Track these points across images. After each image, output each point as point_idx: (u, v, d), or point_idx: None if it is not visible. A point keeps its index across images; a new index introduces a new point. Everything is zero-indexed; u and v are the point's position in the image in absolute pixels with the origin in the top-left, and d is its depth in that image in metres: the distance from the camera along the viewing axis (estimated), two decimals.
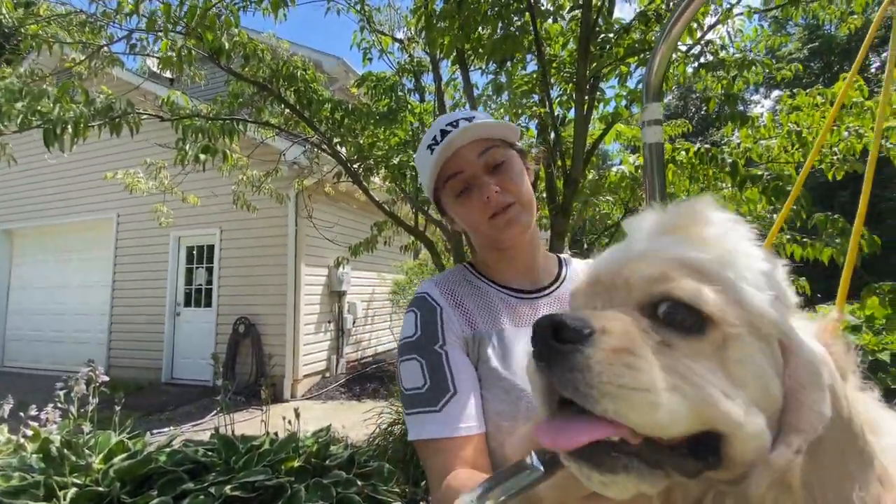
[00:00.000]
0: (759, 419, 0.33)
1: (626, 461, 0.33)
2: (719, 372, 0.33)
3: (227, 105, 2.87)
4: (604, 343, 0.32)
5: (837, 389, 0.34)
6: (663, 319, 0.34)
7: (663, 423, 0.31)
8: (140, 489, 2.37)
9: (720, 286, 0.35)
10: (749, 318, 0.34)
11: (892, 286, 2.32)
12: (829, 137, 2.93)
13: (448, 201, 0.87)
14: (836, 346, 0.38)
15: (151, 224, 5.44)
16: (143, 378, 7.20)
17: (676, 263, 0.35)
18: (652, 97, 0.84)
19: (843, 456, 0.33)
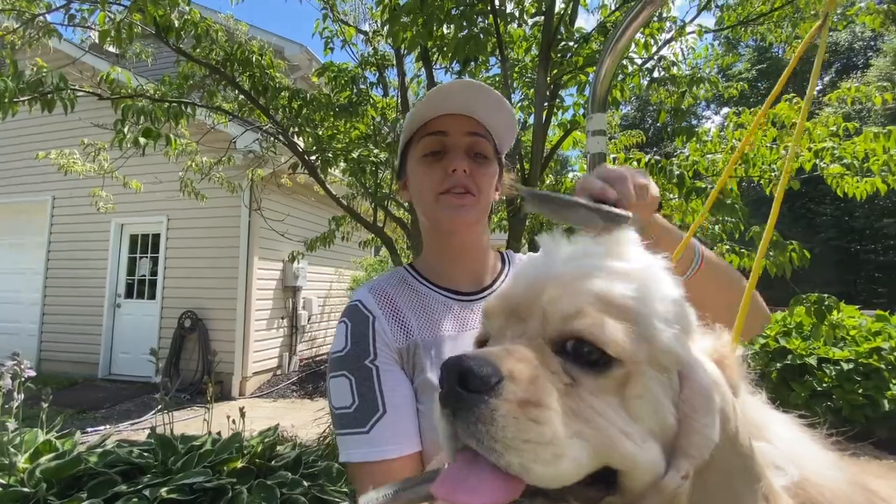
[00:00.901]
0: (653, 451, 0.34)
1: (529, 501, 0.33)
2: (620, 409, 0.34)
3: (177, 87, 2.71)
4: (510, 394, 0.32)
5: (728, 411, 0.35)
6: (572, 354, 0.35)
7: (566, 473, 0.32)
8: (69, 491, 2.22)
9: (633, 322, 0.36)
10: (653, 354, 0.35)
11: (818, 297, 2.50)
12: (768, 155, 3.13)
13: (414, 157, 0.82)
14: (729, 359, 0.39)
15: (91, 209, 5.08)
16: (78, 373, 6.73)
17: (594, 298, 0.36)
18: (597, 107, 0.85)
19: (731, 476, 0.34)
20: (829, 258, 18.44)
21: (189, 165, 3.66)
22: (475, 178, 0.79)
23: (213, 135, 3.92)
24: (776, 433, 0.39)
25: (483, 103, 0.79)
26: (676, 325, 0.37)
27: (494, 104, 0.79)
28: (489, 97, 0.78)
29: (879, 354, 4.47)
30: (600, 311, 0.35)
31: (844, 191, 2.95)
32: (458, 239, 0.83)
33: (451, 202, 0.78)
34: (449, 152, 0.79)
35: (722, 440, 0.34)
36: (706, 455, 0.33)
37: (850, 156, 2.75)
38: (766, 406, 0.42)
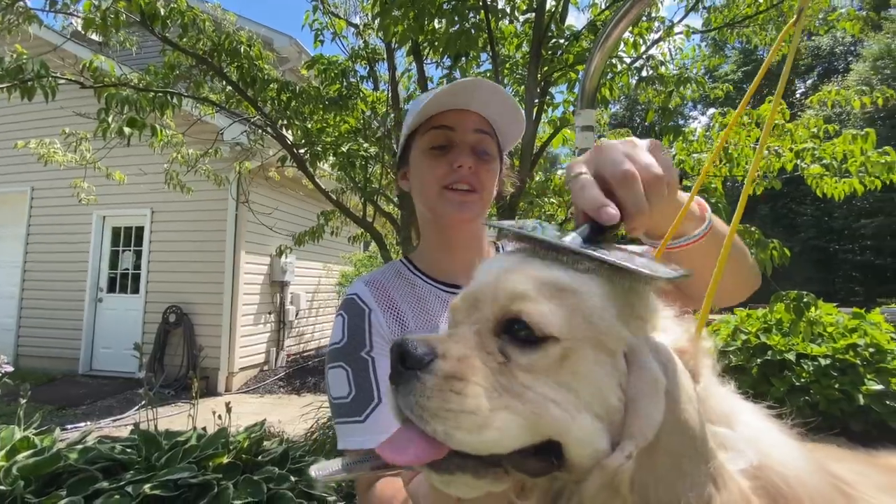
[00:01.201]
0: (588, 422, 0.36)
1: (459, 462, 0.36)
2: (555, 384, 0.36)
3: (162, 76, 2.65)
4: (438, 370, 0.36)
5: (680, 394, 0.36)
6: (511, 335, 0.38)
7: (490, 441, 0.35)
8: (47, 489, 2.17)
9: (573, 302, 0.37)
10: (594, 335, 0.37)
11: (797, 294, 2.56)
12: (751, 155, 3.19)
13: (418, 148, 0.82)
14: (691, 347, 0.40)
15: (72, 201, 4.96)
16: (57, 369, 6.58)
17: (536, 282, 0.38)
18: (586, 103, 0.86)
19: (679, 458, 0.34)
20: (809, 257, 18.90)
21: (174, 157, 3.59)
22: (479, 174, 0.80)
23: (199, 126, 3.85)
24: (742, 421, 0.39)
25: (492, 102, 0.80)
26: (624, 308, 0.38)
27: (502, 104, 0.80)
28: (499, 97, 0.80)
29: (855, 350, 4.60)
30: (539, 294, 0.37)
31: (824, 191, 3.03)
32: (457, 233, 0.84)
33: (454, 198, 0.79)
34: (455, 148, 0.80)
35: (670, 423, 0.35)
36: (650, 436, 0.34)
37: (830, 157, 2.82)
38: (736, 396, 0.42)
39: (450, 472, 0.36)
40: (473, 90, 0.78)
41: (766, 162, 3.09)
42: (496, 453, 0.36)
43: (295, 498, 2.30)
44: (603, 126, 5.21)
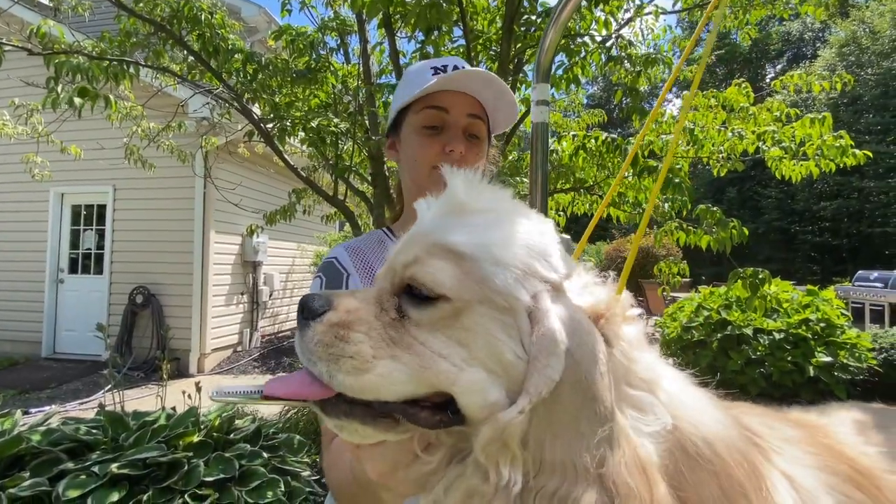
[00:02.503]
0: (480, 378, 0.37)
1: (346, 408, 0.39)
2: (446, 339, 0.38)
3: (118, 44, 2.50)
4: (326, 319, 0.39)
5: (583, 356, 0.37)
6: (411, 295, 0.40)
7: (370, 385, 0.37)
8: (9, 472, 2.12)
9: (467, 265, 0.39)
10: (487, 294, 0.39)
11: (753, 271, 2.68)
12: (716, 137, 3.28)
13: (411, 125, 0.85)
14: (608, 311, 0.42)
15: (25, 177, 4.70)
16: (18, 353, 6.34)
17: (433, 247, 0.40)
18: (541, 77, 0.87)
19: (576, 418, 0.35)
20: (772, 238, 19.72)
21: (134, 131, 3.42)
22: (468, 158, 0.83)
23: (162, 99, 3.68)
24: (664, 387, 0.41)
25: (488, 88, 0.82)
26: (518, 270, 0.40)
27: (499, 92, 0.83)
28: (496, 86, 0.82)
29: (808, 325, 4.88)
30: (433, 257, 0.40)
31: (783, 173, 3.15)
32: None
33: (440, 178, 0.82)
34: (448, 130, 0.83)
35: (569, 383, 0.36)
36: (543, 393, 0.35)
37: (789, 140, 2.93)
38: (661, 362, 0.44)
39: (338, 417, 0.39)
40: (476, 79, 0.81)
41: (730, 144, 3.18)
42: (381, 399, 0.38)
43: (268, 473, 2.32)
44: (577, 107, 5.23)
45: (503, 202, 0.44)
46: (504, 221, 0.42)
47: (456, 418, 0.39)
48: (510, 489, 0.34)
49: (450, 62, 0.86)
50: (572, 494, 0.33)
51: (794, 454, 0.46)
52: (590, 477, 0.34)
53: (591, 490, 0.33)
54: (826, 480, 0.45)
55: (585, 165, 2.88)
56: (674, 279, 3.32)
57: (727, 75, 24.34)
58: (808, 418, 0.57)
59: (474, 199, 0.43)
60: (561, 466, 0.34)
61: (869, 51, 20.03)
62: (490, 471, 0.35)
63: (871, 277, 9.16)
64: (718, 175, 3.58)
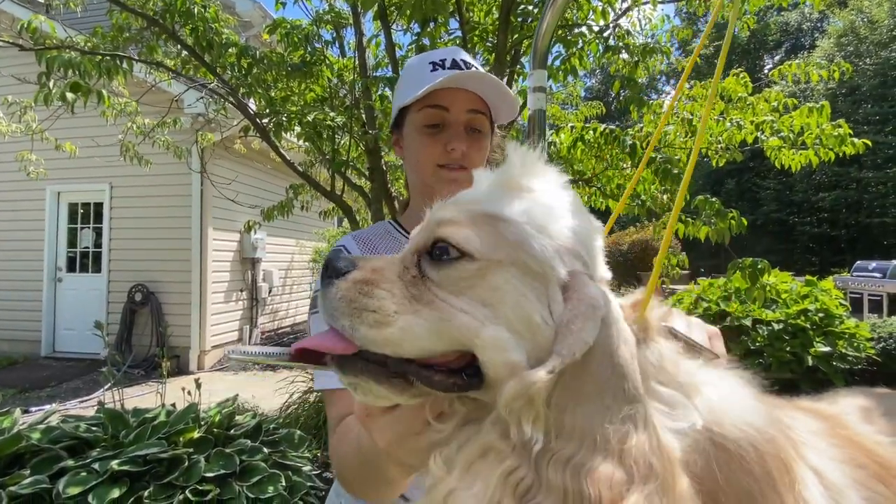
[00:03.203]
0: (503, 335, 0.37)
1: (362, 365, 0.39)
2: (472, 299, 0.38)
3: (111, 39, 2.47)
4: (351, 277, 0.40)
5: (616, 330, 0.37)
6: (432, 255, 0.40)
7: (392, 338, 0.37)
8: (9, 469, 2.12)
9: (505, 226, 0.39)
10: (520, 257, 0.38)
11: (752, 262, 2.68)
12: (714, 127, 3.26)
13: (413, 124, 0.86)
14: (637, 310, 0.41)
15: (22, 175, 4.67)
16: (18, 352, 6.34)
17: (475, 214, 0.40)
18: (538, 64, 0.86)
19: (603, 389, 0.35)
20: (770, 230, 19.74)
21: (129, 127, 3.40)
22: (470, 154, 0.84)
23: (157, 95, 3.65)
24: (703, 392, 0.40)
25: (485, 83, 0.83)
26: (560, 243, 0.39)
27: (495, 86, 0.84)
28: (492, 81, 0.83)
29: (806, 315, 4.89)
30: (466, 219, 0.39)
31: (782, 162, 3.14)
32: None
33: (447, 175, 0.84)
34: (449, 128, 0.84)
35: (601, 353, 0.36)
36: (577, 355, 0.35)
37: (787, 129, 2.91)
38: (703, 368, 0.43)
39: (354, 374, 0.39)
40: (475, 78, 0.82)
41: (729, 134, 3.17)
42: (402, 354, 0.38)
43: (269, 469, 2.33)
44: (576, 99, 5.20)
45: (561, 188, 0.44)
46: (557, 203, 0.42)
47: (472, 381, 0.39)
48: (530, 447, 0.34)
49: (448, 56, 0.86)
50: (588, 463, 0.32)
51: (821, 447, 0.45)
52: (609, 450, 0.33)
53: (608, 462, 0.32)
54: (852, 475, 0.44)
55: (584, 157, 2.87)
56: (673, 271, 3.32)
57: (726, 66, 24.28)
58: (821, 408, 0.56)
59: (531, 177, 0.42)
60: (580, 434, 0.34)
61: (867, 41, 19.96)
62: (512, 427, 0.35)
63: (869, 267, 9.19)
64: (717, 166, 3.57)
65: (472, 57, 2.93)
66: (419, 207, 0.91)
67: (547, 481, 0.32)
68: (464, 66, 0.83)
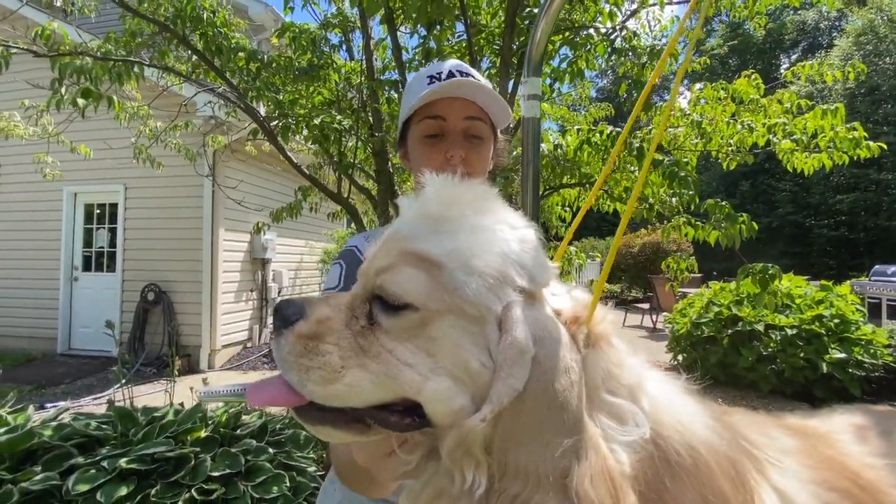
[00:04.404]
0: (445, 387, 0.37)
1: (318, 414, 0.40)
2: (415, 348, 0.38)
3: (123, 44, 2.52)
4: (297, 329, 0.40)
5: (551, 365, 0.37)
6: (382, 301, 0.40)
7: (339, 394, 0.38)
8: (21, 466, 2.17)
9: (438, 273, 0.39)
10: (457, 304, 0.38)
11: (763, 267, 2.63)
12: (726, 130, 3.21)
13: (415, 135, 0.88)
14: (581, 318, 0.41)
15: (40, 177, 4.79)
16: (35, 349, 6.48)
17: (405, 255, 0.40)
18: (532, 71, 0.86)
19: (541, 427, 0.35)
20: (787, 232, 19.37)
21: (141, 130, 3.46)
22: (470, 161, 0.85)
23: (169, 99, 3.71)
24: (648, 392, 0.40)
25: (478, 92, 0.85)
26: (491, 278, 0.39)
27: (488, 94, 0.85)
28: (484, 90, 0.85)
29: (821, 321, 4.78)
30: (405, 265, 0.39)
31: (794, 166, 3.08)
32: None
33: None
34: (447, 137, 0.85)
35: (535, 392, 0.36)
36: (505, 402, 0.35)
37: (800, 132, 2.86)
38: (646, 366, 0.43)
39: (312, 423, 0.40)
40: (459, 86, 0.83)
41: (739, 136, 3.12)
42: (350, 406, 0.39)
43: (273, 469, 2.35)
44: (584, 101, 5.17)
45: (483, 206, 0.43)
46: (480, 227, 0.41)
47: (424, 422, 0.39)
48: (473, 492, 0.35)
49: (445, 68, 0.88)
50: (533, 500, 0.33)
51: (791, 467, 0.44)
52: (552, 485, 0.33)
53: (551, 498, 0.33)
54: (822, 497, 0.43)
55: (591, 160, 2.85)
56: (682, 275, 3.28)
57: (740, 66, 23.90)
58: (809, 426, 0.54)
59: (451, 204, 0.42)
60: (524, 473, 0.34)
61: (887, 39, 19.49)
62: (455, 474, 0.36)
63: (888, 272, 8.96)
64: (730, 168, 3.52)
65: (479, 61, 2.90)
66: None
67: None
68: (459, 75, 0.85)
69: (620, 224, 0.45)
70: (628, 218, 0.59)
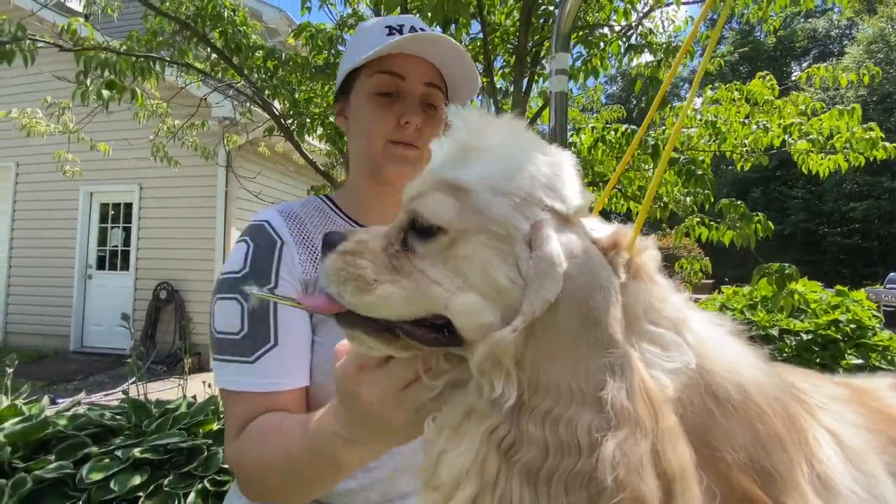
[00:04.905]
0: (473, 301, 0.39)
1: (353, 319, 0.43)
2: (443, 267, 0.40)
3: (145, 42, 2.58)
4: (339, 248, 0.44)
5: (584, 280, 0.37)
6: (416, 228, 0.43)
7: (372, 304, 0.41)
8: (35, 455, 2.19)
9: (466, 196, 0.40)
10: (483, 223, 0.39)
11: (780, 266, 2.60)
12: (740, 130, 3.20)
13: (362, 91, 0.77)
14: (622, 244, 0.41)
15: (57, 176, 4.88)
16: (48, 346, 6.57)
17: (436, 183, 0.42)
18: (560, 46, 0.86)
19: (575, 341, 0.35)
20: (799, 240, 19.14)
21: (159, 129, 3.52)
22: (424, 132, 0.76)
23: (186, 99, 3.78)
24: (692, 328, 0.40)
25: (448, 56, 0.76)
26: (518, 198, 0.40)
27: (459, 59, 0.77)
28: (456, 53, 0.76)
29: (837, 326, 4.71)
30: (435, 191, 0.41)
31: (809, 167, 3.05)
32: (394, 188, 0.79)
33: (398, 154, 0.76)
34: (404, 100, 0.76)
35: (568, 305, 0.36)
36: (537, 312, 0.35)
37: (816, 132, 2.83)
38: (690, 304, 0.43)
39: (349, 327, 0.44)
40: (434, 43, 0.74)
41: (755, 137, 3.10)
42: (382, 317, 0.41)
43: None
44: (597, 103, 5.17)
45: (513, 135, 0.44)
46: (508, 154, 0.42)
47: (452, 338, 0.41)
48: (502, 403, 0.34)
49: (407, 22, 0.77)
50: (566, 414, 0.33)
51: (841, 412, 0.44)
52: (586, 399, 0.33)
53: (585, 411, 0.33)
54: (875, 440, 0.42)
55: (605, 158, 2.84)
56: (695, 276, 3.25)
57: (750, 73, 23.83)
58: (852, 381, 0.54)
59: (484, 135, 0.43)
60: (556, 387, 0.34)
61: None
62: (484, 386, 0.36)
63: None
64: (742, 175, 3.50)
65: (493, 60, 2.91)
66: (360, 186, 0.82)
67: (528, 435, 0.33)
68: (426, 30, 0.76)
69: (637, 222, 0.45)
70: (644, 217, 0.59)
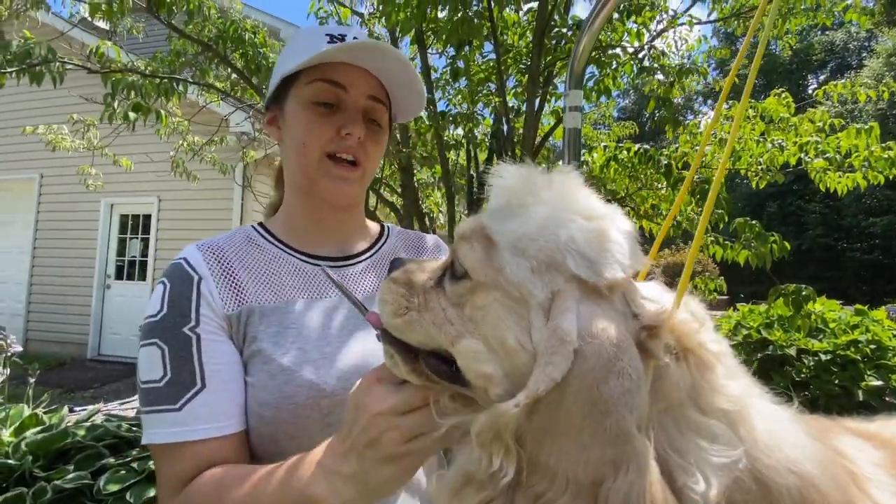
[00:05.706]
0: (475, 348, 0.40)
1: (392, 338, 0.48)
2: (462, 313, 0.43)
3: (168, 63, 2.67)
4: (391, 275, 0.50)
5: (598, 363, 0.34)
6: (451, 270, 0.46)
7: (399, 327, 0.47)
8: (55, 464, 2.24)
9: (492, 250, 0.42)
10: (500, 281, 0.40)
11: (796, 287, 2.56)
12: (754, 149, 3.18)
13: (299, 99, 0.71)
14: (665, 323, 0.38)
15: (79, 188, 5.03)
16: (66, 354, 6.70)
17: (479, 228, 0.44)
18: (574, 84, 0.88)
19: (580, 427, 0.33)
20: (817, 256, 18.75)
21: (180, 145, 3.63)
22: (366, 147, 0.72)
23: (206, 116, 3.88)
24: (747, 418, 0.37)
25: (393, 69, 0.72)
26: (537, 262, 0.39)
27: (404, 71, 0.73)
28: (401, 66, 0.72)
29: (856, 347, 4.59)
30: (473, 238, 0.44)
31: (827, 185, 3.02)
32: (332, 209, 0.77)
33: (336, 172, 0.71)
34: (345, 111, 0.71)
35: (577, 387, 0.34)
36: (541, 390, 0.34)
37: (833, 150, 2.81)
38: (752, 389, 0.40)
39: (388, 343, 0.49)
40: (382, 54, 0.69)
41: (770, 155, 3.08)
42: (405, 340, 0.46)
43: None
44: (608, 118, 5.19)
45: (564, 196, 0.43)
46: (548, 215, 0.41)
47: (458, 375, 0.43)
48: (499, 479, 0.34)
49: (349, 32, 0.72)
50: (557, 502, 0.32)
51: (883, 480, 0.41)
52: (580, 491, 0.31)
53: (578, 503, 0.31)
54: None
55: (617, 177, 2.85)
56: (710, 296, 3.21)
57: (766, 86, 23.63)
58: (877, 432, 0.50)
59: (533, 190, 0.43)
60: (553, 472, 0.33)
61: None
62: (483, 458, 0.35)
63: None
64: (758, 189, 3.47)
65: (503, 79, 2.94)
66: (294, 206, 0.77)
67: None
68: (372, 41, 0.71)
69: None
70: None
